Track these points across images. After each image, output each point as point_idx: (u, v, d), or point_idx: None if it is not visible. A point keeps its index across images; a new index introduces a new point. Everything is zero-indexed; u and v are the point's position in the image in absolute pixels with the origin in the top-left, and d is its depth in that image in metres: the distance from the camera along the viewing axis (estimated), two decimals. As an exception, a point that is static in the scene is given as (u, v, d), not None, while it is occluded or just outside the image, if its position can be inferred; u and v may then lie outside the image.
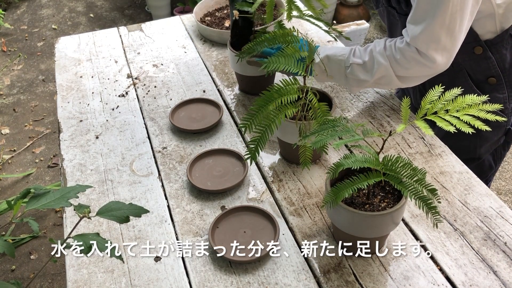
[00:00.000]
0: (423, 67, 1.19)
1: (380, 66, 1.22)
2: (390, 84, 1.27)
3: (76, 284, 1.03)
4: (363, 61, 1.25)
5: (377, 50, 1.23)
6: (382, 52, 1.22)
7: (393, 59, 1.21)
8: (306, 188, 1.22)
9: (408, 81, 1.26)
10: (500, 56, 1.28)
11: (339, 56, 1.28)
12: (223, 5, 1.98)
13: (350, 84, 1.30)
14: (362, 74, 1.26)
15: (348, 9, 3.98)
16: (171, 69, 1.70)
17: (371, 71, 1.24)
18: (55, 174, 2.76)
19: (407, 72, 1.22)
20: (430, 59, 1.16)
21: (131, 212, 0.94)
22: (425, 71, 1.21)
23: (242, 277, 1.03)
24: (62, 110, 1.54)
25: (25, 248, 2.35)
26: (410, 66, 1.20)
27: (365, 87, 1.31)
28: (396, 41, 1.22)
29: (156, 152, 1.36)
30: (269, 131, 1.03)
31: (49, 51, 3.80)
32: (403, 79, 1.24)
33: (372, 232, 0.99)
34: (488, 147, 1.44)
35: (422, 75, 1.23)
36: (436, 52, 1.15)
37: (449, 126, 0.86)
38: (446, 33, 1.12)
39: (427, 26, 1.12)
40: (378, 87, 1.33)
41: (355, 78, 1.27)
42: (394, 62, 1.21)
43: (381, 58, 1.22)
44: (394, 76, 1.23)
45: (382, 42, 1.24)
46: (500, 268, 1.01)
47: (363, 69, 1.25)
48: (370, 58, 1.24)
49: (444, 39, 1.13)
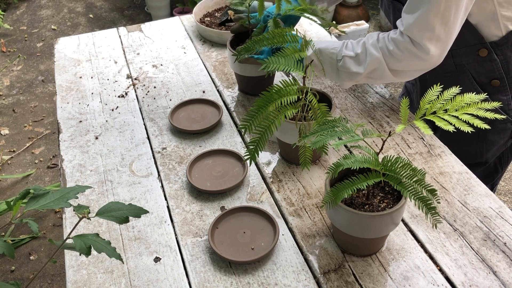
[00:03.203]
0: (417, 59, 1.17)
1: (372, 58, 1.20)
2: (382, 78, 1.24)
3: (75, 284, 1.03)
4: (356, 54, 1.23)
5: (369, 42, 1.22)
6: (375, 43, 1.21)
7: (386, 50, 1.19)
8: (305, 189, 1.22)
9: (401, 75, 1.24)
10: (504, 58, 1.28)
11: (331, 49, 1.26)
12: (223, 5, 1.98)
13: (342, 78, 1.28)
14: (354, 67, 1.24)
15: (348, 10, 3.98)
16: (170, 69, 1.70)
17: (363, 64, 1.23)
18: (54, 175, 2.76)
19: (400, 65, 1.20)
20: (424, 50, 1.15)
21: (130, 213, 0.94)
22: (418, 64, 1.19)
23: (241, 278, 1.03)
24: (62, 111, 1.54)
25: (25, 249, 2.35)
26: (403, 58, 1.18)
27: (357, 81, 1.29)
28: (390, 33, 1.21)
29: (156, 152, 1.36)
30: (269, 132, 1.03)
31: (48, 52, 3.80)
32: (395, 72, 1.23)
33: (371, 233, 0.99)
34: (495, 151, 1.44)
35: (415, 68, 1.21)
36: (430, 42, 1.13)
37: (448, 126, 0.86)
38: (441, 22, 1.11)
39: (422, 14, 1.11)
40: (370, 81, 1.30)
41: (346, 71, 1.26)
42: (387, 53, 1.19)
43: (374, 50, 1.20)
44: (386, 69, 1.21)
45: (375, 35, 1.23)
46: (500, 269, 1.01)
47: (355, 61, 1.24)
48: (363, 50, 1.22)
49: (438, 27, 1.12)
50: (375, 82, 1.31)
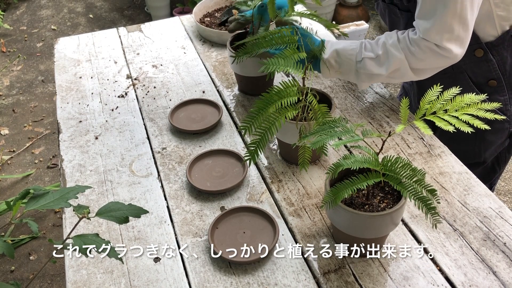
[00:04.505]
0: (440, 58, 1.17)
1: (395, 59, 1.19)
2: (403, 77, 1.24)
3: (75, 285, 1.03)
4: (376, 55, 1.22)
5: (390, 42, 1.20)
6: (396, 44, 1.20)
7: (408, 51, 1.18)
8: (305, 189, 1.22)
9: (422, 73, 1.23)
10: (501, 58, 1.28)
11: (350, 51, 1.25)
12: (223, 5, 1.98)
13: (361, 79, 1.27)
14: (376, 69, 1.23)
15: (348, 10, 3.98)
16: (170, 69, 1.70)
17: (385, 65, 1.21)
18: (54, 175, 2.76)
19: (422, 64, 1.20)
20: (446, 50, 1.15)
21: (130, 213, 0.94)
22: (441, 62, 1.19)
23: (241, 278, 1.03)
24: (62, 111, 1.54)
25: (25, 249, 2.35)
26: (425, 57, 1.17)
27: (376, 81, 1.28)
28: (409, 32, 1.20)
29: (156, 152, 1.36)
30: (269, 134, 1.03)
31: (48, 52, 3.80)
32: (417, 71, 1.22)
33: (371, 233, 0.99)
34: (493, 151, 1.44)
35: (437, 66, 1.21)
36: (450, 43, 1.13)
37: (448, 126, 0.86)
38: (459, 22, 1.11)
39: (439, 18, 1.11)
40: (391, 81, 1.29)
41: (367, 72, 1.24)
42: (410, 54, 1.18)
43: (396, 51, 1.19)
44: (408, 69, 1.20)
45: (394, 35, 1.22)
46: (500, 269, 1.01)
47: (376, 63, 1.22)
48: (384, 51, 1.21)
49: (457, 28, 1.12)
50: (395, 81, 1.30)
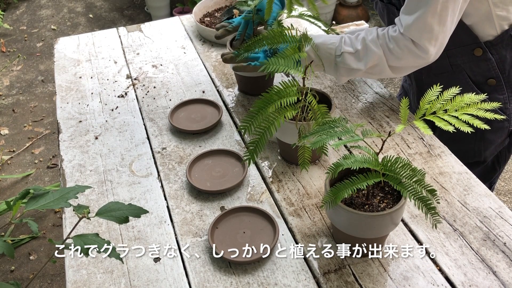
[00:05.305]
0: (416, 58, 1.19)
1: (373, 55, 1.21)
2: (381, 73, 1.25)
3: (75, 285, 1.03)
4: (355, 50, 1.23)
5: (369, 38, 1.22)
6: (375, 40, 1.21)
7: (387, 48, 1.20)
8: (305, 189, 1.22)
9: (399, 71, 1.25)
10: (500, 57, 1.28)
11: (329, 45, 1.26)
12: (222, 5, 1.98)
13: (340, 73, 1.28)
14: (354, 63, 1.24)
15: (348, 10, 3.98)
16: (170, 69, 1.70)
17: (364, 60, 1.23)
18: (54, 175, 2.76)
19: (399, 62, 1.21)
20: (423, 49, 1.16)
21: (130, 213, 0.94)
22: (416, 61, 1.20)
23: (241, 278, 1.03)
24: (62, 111, 1.54)
25: (25, 249, 2.35)
26: (403, 56, 1.19)
27: (355, 76, 1.29)
28: (389, 29, 1.21)
29: (156, 152, 1.36)
30: (268, 133, 1.03)
31: (48, 52, 3.80)
32: (394, 69, 1.24)
33: (371, 233, 0.99)
34: (493, 150, 1.44)
35: (412, 65, 1.23)
36: (429, 42, 1.15)
37: (448, 126, 0.86)
38: (438, 22, 1.12)
39: (420, 15, 1.12)
40: (369, 76, 1.31)
41: (346, 67, 1.25)
42: (388, 51, 1.20)
43: (374, 47, 1.21)
44: (386, 66, 1.22)
45: (374, 31, 1.23)
46: (500, 269, 1.01)
47: (355, 57, 1.24)
48: (363, 46, 1.22)
49: (436, 28, 1.13)
50: (373, 77, 1.32)
